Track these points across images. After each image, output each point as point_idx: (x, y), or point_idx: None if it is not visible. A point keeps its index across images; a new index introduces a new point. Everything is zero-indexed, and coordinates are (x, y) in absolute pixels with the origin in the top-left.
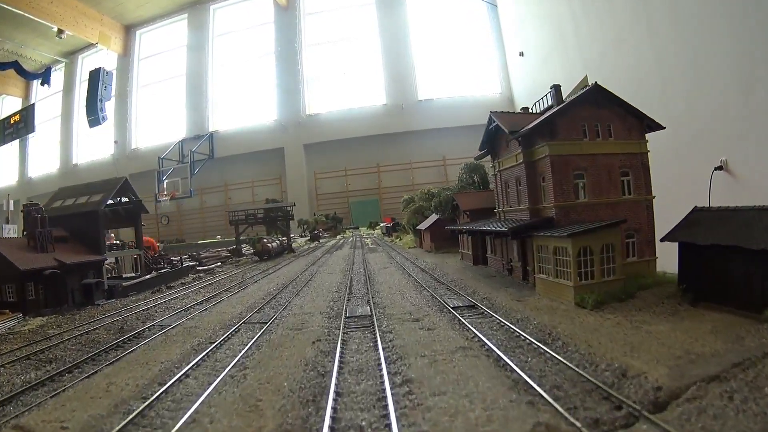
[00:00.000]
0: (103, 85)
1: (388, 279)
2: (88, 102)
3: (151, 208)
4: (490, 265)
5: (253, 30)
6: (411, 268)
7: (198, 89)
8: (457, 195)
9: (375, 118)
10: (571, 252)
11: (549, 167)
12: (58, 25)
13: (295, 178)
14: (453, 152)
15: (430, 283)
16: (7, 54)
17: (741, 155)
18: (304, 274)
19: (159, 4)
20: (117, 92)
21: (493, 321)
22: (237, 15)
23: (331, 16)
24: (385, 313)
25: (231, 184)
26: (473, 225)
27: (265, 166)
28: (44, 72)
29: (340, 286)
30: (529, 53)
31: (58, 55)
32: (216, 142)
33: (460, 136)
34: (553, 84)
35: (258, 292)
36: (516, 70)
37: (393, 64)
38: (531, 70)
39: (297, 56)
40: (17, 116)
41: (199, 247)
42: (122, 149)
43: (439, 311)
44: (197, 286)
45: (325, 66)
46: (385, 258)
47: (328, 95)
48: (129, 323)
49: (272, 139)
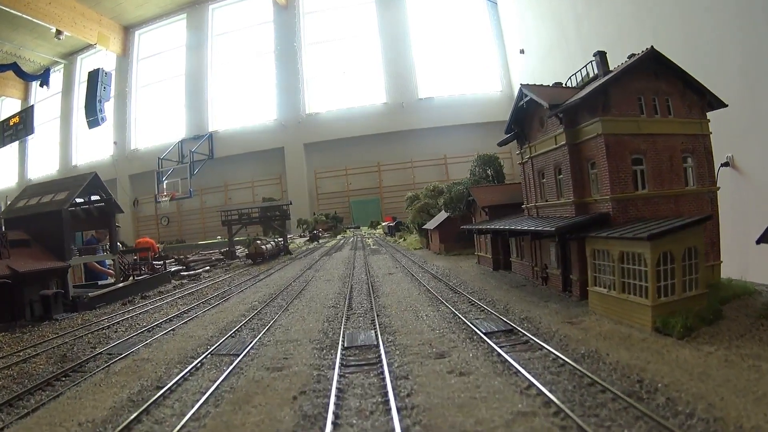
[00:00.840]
0: (102, 85)
1: (396, 289)
2: (87, 103)
3: (152, 209)
4: (515, 271)
5: (253, 29)
6: (421, 275)
7: (197, 89)
8: (474, 189)
9: (375, 116)
10: (648, 259)
11: (602, 149)
12: (57, 26)
13: (296, 178)
14: (454, 150)
15: (447, 294)
16: (6, 56)
17: (747, 151)
18: (297, 281)
19: (158, 4)
20: (116, 93)
21: (547, 357)
22: (236, 14)
23: (331, 15)
24: (396, 342)
25: (231, 184)
26: (499, 223)
27: (265, 165)
28: (43, 73)
29: (338, 299)
30: (530, 50)
31: (56, 56)
32: (215, 142)
33: (461, 135)
34: (598, 50)
35: (240, 306)
36: (517, 67)
37: (393, 62)
38: (532, 67)
39: (296, 55)
40: (16, 118)
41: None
42: (122, 150)
43: (468, 339)
44: (176, 295)
45: (325, 65)
46: (389, 261)
47: (328, 94)
48: (77, 348)
49: (272, 139)
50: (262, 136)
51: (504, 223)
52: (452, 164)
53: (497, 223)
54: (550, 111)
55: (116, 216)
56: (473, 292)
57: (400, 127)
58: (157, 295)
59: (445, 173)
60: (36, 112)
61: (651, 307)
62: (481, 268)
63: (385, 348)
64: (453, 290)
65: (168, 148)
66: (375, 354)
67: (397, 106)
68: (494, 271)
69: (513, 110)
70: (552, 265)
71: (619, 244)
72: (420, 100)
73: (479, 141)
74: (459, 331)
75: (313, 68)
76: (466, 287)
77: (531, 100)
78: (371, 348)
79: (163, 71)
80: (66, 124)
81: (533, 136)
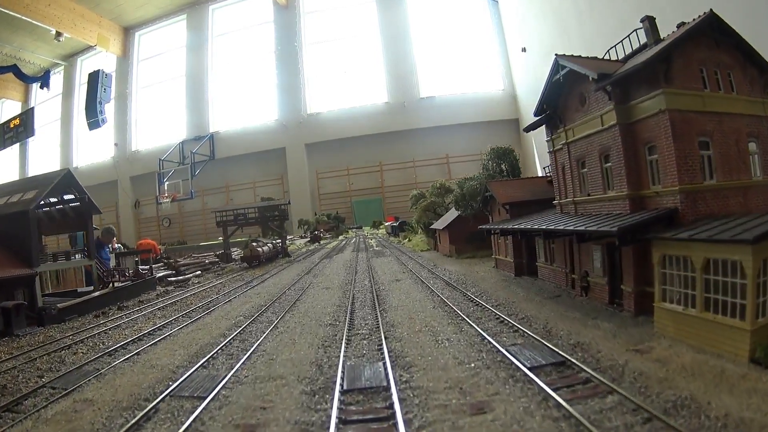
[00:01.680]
0: (102, 87)
1: (405, 301)
2: (88, 104)
3: (153, 211)
4: (543, 278)
5: (253, 29)
6: (432, 281)
7: (198, 90)
8: (493, 184)
9: (377, 116)
10: (750, 268)
11: (667, 129)
12: (56, 28)
13: (297, 178)
14: (456, 150)
15: (468, 307)
16: (6, 58)
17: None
18: (293, 289)
19: (157, 5)
20: (116, 94)
21: (624, 406)
22: (236, 15)
23: (331, 14)
24: (414, 382)
25: (232, 185)
26: (528, 222)
27: (266, 166)
28: (43, 75)
29: (338, 313)
30: (532, 49)
31: (56, 58)
32: (216, 143)
33: (462, 134)
34: (646, 16)
35: (223, 321)
36: (518, 66)
37: (394, 61)
38: (534, 65)
39: (297, 55)
40: (17, 120)
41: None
42: (122, 151)
43: (510, 379)
44: (156, 305)
45: (326, 65)
46: (394, 265)
47: (329, 94)
48: (23, 376)
49: (273, 139)
50: (263, 137)
51: (535, 221)
52: (454, 163)
53: (524, 221)
54: (597, 83)
55: (92, 217)
56: (499, 304)
57: (401, 126)
58: (137, 305)
59: (447, 173)
60: (36, 114)
61: (750, 331)
62: (500, 274)
63: (399, 394)
64: (474, 302)
65: (169, 150)
66: (385, 403)
67: (399, 106)
68: (517, 278)
69: (546, 87)
70: (595, 273)
71: (703, 249)
72: (421, 99)
73: (481, 140)
74: (495, 364)
75: (314, 68)
76: (488, 298)
77: (570, 73)
78: (379, 392)
79: (164, 72)
80: (66, 126)
81: (570, 118)
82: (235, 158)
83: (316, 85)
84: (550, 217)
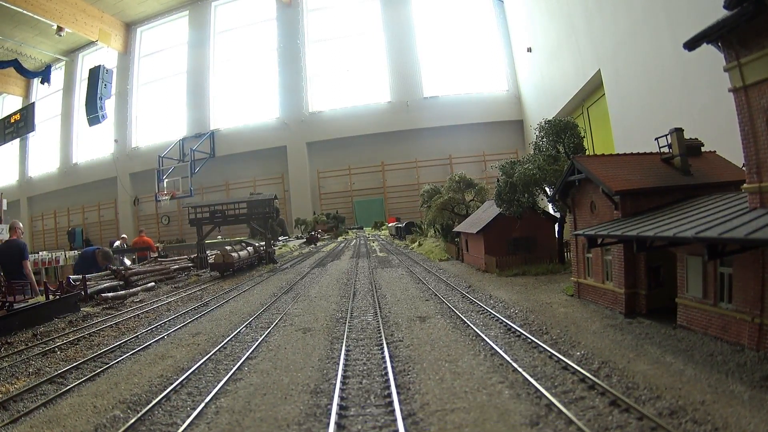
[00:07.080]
0: (103, 83)
1: (453, 383)
2: (88, 100)
3: (152, 208)
4: (691, 325)
5: (255, 27)
6: (486, 328)
7: (199, 87)
8: (589, 160)
9: (379, 115)
10: None
11: None
12: (58, 23)
13: (298, 177)
14: (459, 150)
15: (587, 409)
16: (7, 52)
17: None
18: (250, 329)
19: (160, 1)
20: (117, 90)
21: None
22: (238, 12)
23: (335, 12)
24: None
25: (232, 183)
26: (706, 226)
27: (267, 164)
28: (44, 70)
29: (318, 388)
30: (538, 49)
31: (58, 53)
32: (217, 141)
33: (466, 134)
34: None
35: (116, 394)
36: (524, 66)
37: (398, 60)
38: (539, 66)
39: (299, 53)
40: (17, 115)
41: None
42: (122, 148)
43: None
44: (47, 345)
45: (329, 63)
46: (409, 283)
47: (332, 93)
48: None
49: (274, 138)
50: (264, 135)
51: (710, 223)
52: (457, 164)
53: (666, 222)
54: None
55: None
56: (644, 397)
57: (404, 126)
58: (22, 344)
59: (450, 173)
60: (37, 110)
61: None
62: (592, 310)
63: None
64: (596, 389)
65: (169, 147)
66: None
67: (402, 105)
68: (629, 319)
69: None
70: None
71: None
72: (425, 98)
73: (484, 141)
74: None
75: (317, 66)
76: (614, 376)
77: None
78: None
79: (165, 69)
80: (67, 122)
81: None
82: (236, 156)
83: (319, 84)
84: (733, 215)
